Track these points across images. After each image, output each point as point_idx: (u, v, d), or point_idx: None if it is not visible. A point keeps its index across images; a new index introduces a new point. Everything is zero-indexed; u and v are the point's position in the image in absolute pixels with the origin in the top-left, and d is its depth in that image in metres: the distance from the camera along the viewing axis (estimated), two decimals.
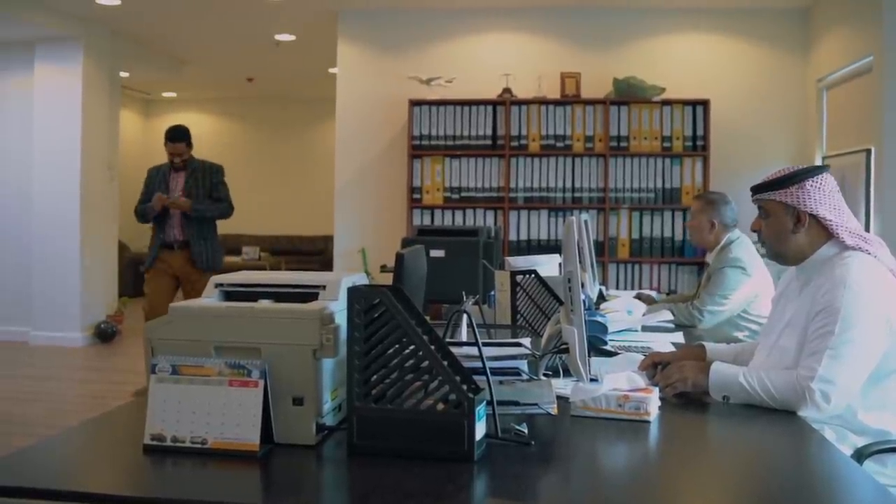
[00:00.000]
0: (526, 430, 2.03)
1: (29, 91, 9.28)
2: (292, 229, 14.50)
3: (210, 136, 15.22)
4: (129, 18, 8.98)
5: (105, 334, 9.20)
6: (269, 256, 13.28)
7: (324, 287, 2.04)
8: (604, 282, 7.30)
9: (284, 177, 14.76)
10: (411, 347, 1.86)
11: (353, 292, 1.87)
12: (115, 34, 9.59)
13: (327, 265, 12.24)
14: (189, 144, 6.94)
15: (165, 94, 14.88)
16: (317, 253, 13.84)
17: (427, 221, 7.76)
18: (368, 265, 8.02)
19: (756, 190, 2.73)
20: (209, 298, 2.11)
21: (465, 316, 2.22)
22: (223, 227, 15.50)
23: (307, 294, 2.06)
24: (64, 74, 9.12)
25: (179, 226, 6.73)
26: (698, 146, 7.64)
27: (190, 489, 1.80)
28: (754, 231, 2.78)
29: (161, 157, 7.05)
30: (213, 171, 6.99)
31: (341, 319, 1.95)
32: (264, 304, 2.02)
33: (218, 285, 2.14)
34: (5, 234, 9.48)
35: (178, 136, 6.93)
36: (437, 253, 3.94)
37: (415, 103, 7.86)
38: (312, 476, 1.89)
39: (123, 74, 11.06)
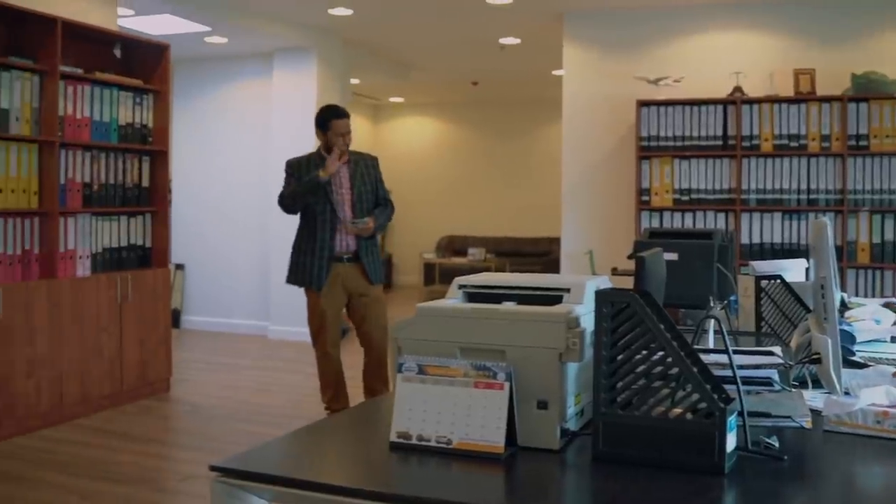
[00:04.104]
0: (777, 444, 1.93)
1: (268, 98, 9.77)
2: (517, 231, 14.59)
3: (435, 139, 15.57)
4: (359, 27, 9.29)
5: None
6: (493, 258, 13.41)
7: (568, 290, 2.02)
8: (843, 289, 6.94)
9: (509, 179, 14.88)
10: (660, 353, 1.80)
11: (602, 296, 1.83)
12: (346, 43, 9.94)
13: (552, 267, 12.24)
14: None
15: (393, 100, 15.30)
16: (541, 254, 13.85)
17: (655, 224, 7.62)
18: (595, 267, 7.95)
19: None
20: (453, 300, 2.12)
21: (712, 322, 2.14)
22: (450, 227, 15.81)
23: (551, 297, 2.03)
24: (299, 82, 9.54)
25: (353, 235, 5.61)
26: None
27: (434, 488, 1.80)
28: None
29: (395, 157, 6.70)
30: (374, 163, 5.87)
31: (586, 323, 1.91)
32: (509, 306, 2.01)
33: (461, 286, 2.15)
34: (246, 233, 10.00)
35: (345, 111, 5.71)
36: (669, 256, 3.83)
37: (643, 104, 7.74)
38: (556, 481, 1.86)
39: (354, 81, 11.46)
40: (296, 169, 5.66)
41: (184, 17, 8.01)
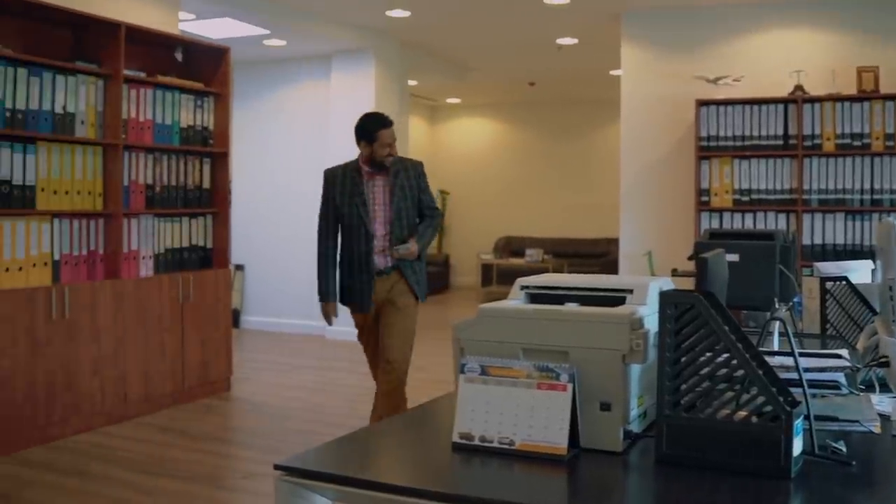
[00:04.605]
0: (844, 449, 1.90)
1: (326, 100, 9.84)
2: (574, 232, 14.53)
3: (492, 140, 15.57)
4: (417, 29, 9.32)
5: None
6: (551, 259, 13.36)
7: (631, 291, 2.01)
8: None
9: (566, 179, 14.83)
10: (725, 355, 1.79)
11: (666, 297, 1.82)
12: (403, 44, 9.98)
13: (610, 268, 12.17)
14: None
15: (450, 100, 15.33)
16: (599, 255, 13.78)
17: (715, 224, 7.55)
18: (654, 268, 7.89)
19: None
20: (516, 300, 2.12)
21: (777, 324, 2.11)
22: (507, 228, 15.77)
23: (613, 298, 2.03)
24: (357, 83, 9.60)
25: (385, 249, 5.09)
26: None
27: (497, 489, 1.80)
28: None
29: (452, 158, 6.57)
30: (416, 169, 5.25)
31: (650, 324, 1.90)
32: (571, 307, 2.00)
33: (524, 287, 2.15)
34: (305, 234, 10.03)
35: (390, 119, 5.18)
36: (730, 257, 3.79)
37: (702, 103, 7.66)
38: (619, 483, 1.85)
39: (411, 82, 11.50)
40: (330, 182, 5.25)
41: (243, 21, 8.10)
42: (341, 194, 5.17)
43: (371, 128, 5.09)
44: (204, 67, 6.93)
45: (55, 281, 5.59)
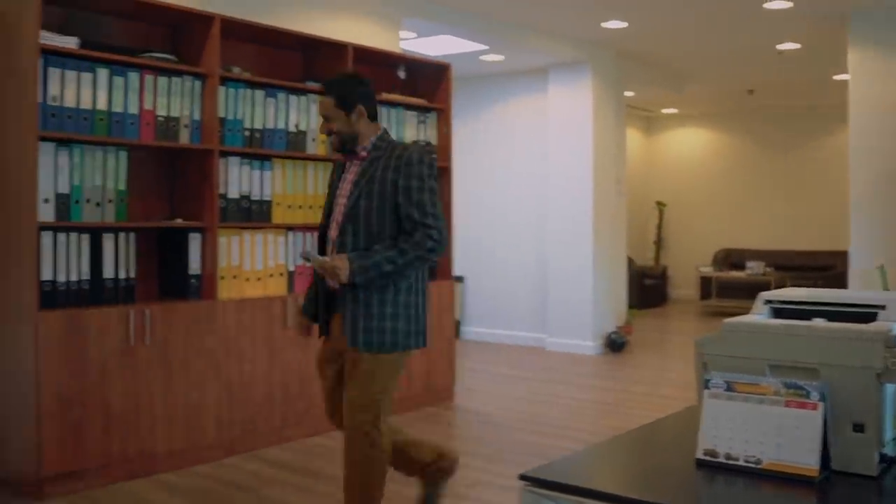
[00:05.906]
0: None
1: (543, 113, 9.92)
2: (796, 244, 13.97)
3: (709, 150, 15.24)
4: (633, 39, 9.25)
5: (615, 344, 9.52)
6: (772, 272, 12.92)
7: (884, 307, 1.94)
8: None
9: (787, 190, 14.30)
10: None
11: None
12: (619, 55, 9.93)
13: (835, 282, 11.65)
14: (345, 105, 3.80)
15: (665, 111, 15.10)
16: (823, 269, 13.17)
17: None
18: (888, 283, 7.50)
19: None
20: (759, 315, 2.09)
21: None
22: (726, 240, 15.40)
23: (863, 314, 1.96)
24: (574, 96, 9.62)
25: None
26: None
27: None
28: None
29: (668, 169, 6.39)
30: (403, 158, 3.69)
31: None
32: (819, 322, 1.95)
33: (767, 302, 2.11)
34: (525, 247, 10.19)
35: (323, 85, 3.92)
36: None
37: None
38: None
39: (628, 94, 11.41)
40: (332, 173, 4.11)
41: (462, 38, 8.28)
42: (328, 189, 4.04)
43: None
44: (426, 84, 7.13)
45: (290, 291, 5.89)
